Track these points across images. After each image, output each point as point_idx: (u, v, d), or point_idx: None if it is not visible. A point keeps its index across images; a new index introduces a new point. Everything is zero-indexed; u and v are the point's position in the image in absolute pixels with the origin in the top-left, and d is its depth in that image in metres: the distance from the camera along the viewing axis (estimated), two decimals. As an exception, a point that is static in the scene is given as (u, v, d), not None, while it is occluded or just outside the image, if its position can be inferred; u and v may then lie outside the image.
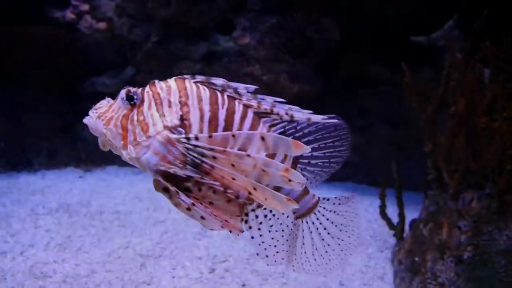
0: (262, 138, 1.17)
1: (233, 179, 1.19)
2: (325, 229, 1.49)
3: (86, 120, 1.26)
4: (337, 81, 4.18)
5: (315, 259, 1.50)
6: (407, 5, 3.65)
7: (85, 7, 4.94)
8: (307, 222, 1.47)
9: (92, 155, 4.63)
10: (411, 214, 2.87)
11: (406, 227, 2.74)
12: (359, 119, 4.21)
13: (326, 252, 1.50)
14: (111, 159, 4.65)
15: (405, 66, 2.57)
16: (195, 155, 1.19)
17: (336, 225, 1.50)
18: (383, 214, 2.77)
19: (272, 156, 1.25)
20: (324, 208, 1.48)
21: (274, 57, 4.07)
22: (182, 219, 3.28)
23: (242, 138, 1.19)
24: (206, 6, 4.07)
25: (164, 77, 3.92)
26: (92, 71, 4.72)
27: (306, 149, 1.20)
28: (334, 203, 1.50)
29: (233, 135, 1.19)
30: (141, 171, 4.08)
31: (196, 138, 1.20)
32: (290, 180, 1.19)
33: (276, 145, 1.18)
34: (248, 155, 1.17)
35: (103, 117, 1.24)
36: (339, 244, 1.51)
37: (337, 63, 4.17)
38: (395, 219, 2.87)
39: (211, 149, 1.18)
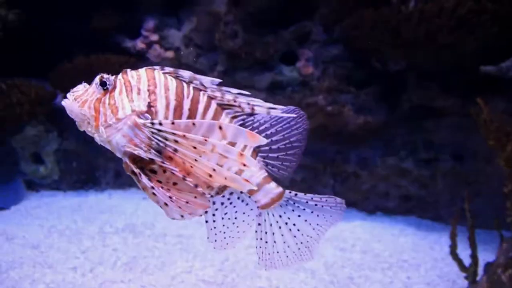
0: (220, 128, 1.27)
1: (195, 160, 1.27)
2: (293, 224, 1.51)
3: (63, 102, 1.34)
4: (402, 112, 4.12)
5: (278, 254, 1.53)
6: (476, 35, 3.57)
7: (155, 37, 5.22)
8: (273, 215, 1.51)
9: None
10: (480, 254, 2.74)
11: (479, 270, 2.62)
12: (424, 151, 4.10)
13: (289, 247, 1.53)
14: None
15: (481, 100, 2.49)
16: (159, 139, 1.28)
17: (305, 218, 1.51)
18: (454, 254, 2.65)
19: (232, 145, 1.31)
20: (296, 202, 1.51)
21: (338, 87, 4.08)
22: (242, 247, 3.31)
23: (202, 127, 1.28)
24: (271, 37, 4.18)
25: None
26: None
27: (262, 141, 1.28)
28: (313, 202, 1.53)
29: (194, 123, 1.28)
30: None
31: (160, 124, 1.29)
32: (244, 165, 1.28)
33: (233, 135, 1.27)
34: (206, 140, 1.26)
35: (79, 99, 1.33)
36: (301, 242, 1.53)
37: (402, 94, 4.12)
38: (464, 259, 2.74)
39: (173, 134, 1.27)
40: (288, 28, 4.21)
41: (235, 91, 1.39)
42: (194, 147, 1.27)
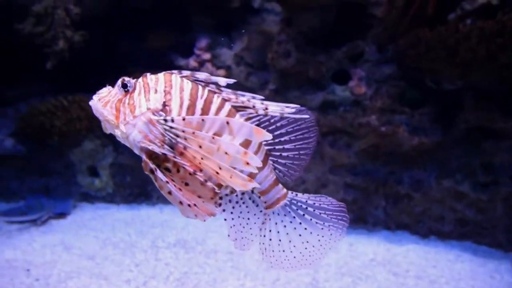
0: (227, 123, 1.33)
1: (204, 157, 1.34)
2: (298, 221, 1.57)
3: (90, 102, 1.46)
4: (457, 133, 3.99)
5: (280, 252, 1.57)
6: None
7: (207, 56, 5.35)
8: (278, 214, 1.57)
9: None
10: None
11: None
12: (482, 174, 3.94)
13: (294, 246, 1.57)
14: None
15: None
16: (171, 135, 1.37)
17: (309, 218, 1.57)
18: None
19: (245, 147, 1.37)
20: (298, 202, 1.57)
21: (392, 107, 4.02)
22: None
23: (210, 122, 1.35)
24: (324, 57, 4.19)
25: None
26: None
27: (267, 136, 1.33)
28: (312, 201, 1.58)
29: (203, 119, 1.36)
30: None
31: (172, 120, 1.38)
32: (248, 163, 1.33)
33: (239, 130, 1.33)
34: (213, 137, 1.33)
35: (103, 100, 1.44)
36: (308, 241, 1.57)
37: (458, 114, 4.00)
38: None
39: (184, 131, 1.36)
40: (340, 47, 4.20)
41: (249, 95, 1.46)
42: (202, 144, 1.35)
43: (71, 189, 4.98)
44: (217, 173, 1.35)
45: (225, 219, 1.58)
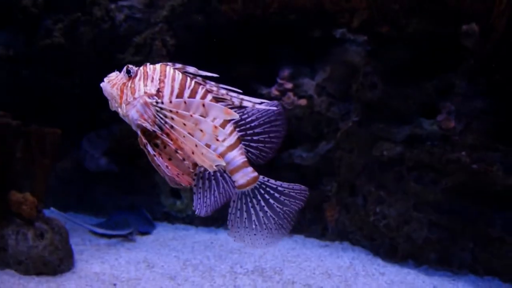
0: (203, 105, 1.63)
1: (184, 136, 1.62)
2: (262, 205, 1.77)
3: (102, 84, 1.74)
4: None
5: (247, 229, 1.79)
6: None
7: (289, 85, 5.43)
8: (247, 195, 1.77)
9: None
10: None
11: None
12: None
13: (258, 225, 1.78)
14: (298, 228, 4.82)
15: None
16: (161, 116, 1.65)
17: (274, 205, 1.77)
18: None
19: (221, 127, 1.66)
20: (267, 187, 1.77)
21: (484, 144, 3.81)
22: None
23: (190, 103, 1.65)
24: (412, 90, 4.09)
25: (364, 156, 3.96)
26: (290, 144, 5.07)
27: (234, 115, 1.61)
28: (282, 188, 1.78)
29: (185, 102, 1.66)
30: (327, 244, 4.11)
31: (162, 103, 1.68)
32: (217, 139, 1.63)
33: (212, 109, 1.62)
34: (191, 115, 1.62)
35: (111, 82, 1.72)
36: (273, 223, 1.78)
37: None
38: None
39: (170, 111, 1.65)
40: (429, 80, 4.09)
41: (229, 88, 1.72)
42: (184, 124, 1.63)
43: (154, 208, 5.22)
44: (193, 152, 1.64)
45: (193, 192, 1.83)
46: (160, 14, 4.65)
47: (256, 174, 1.76)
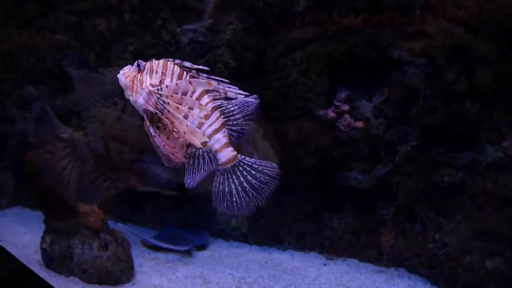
0: (190, 82, 2.01)
1: (178, 119, 2.00)
2: (241, 180, 2.09)
3: (118, 75, 2.09)
4: None
5: (228, 201, 2.10)
6: None
7: (346, 107, 5.41)
8: (228, 171, 2.09)
9: (336, 245, 4.84)
10: None
11: None
12: None
13: (237, 197, 2.09)
14: (352, 252, 4.76)
15: None
16: (161, 102, 2.01)
17: (250, 180, 2.09)
18: None
19: (206, 118, 2.05)
20: (245, 164, 2.09)
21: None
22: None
23: (180, 84, 2.02)
24: (475, 115, 3.99)
25: (423, 181, 3.86)
26: (346, 166, 5.05)
27: (214, 86, 2.02)
28: (257, 166, 2.09)
29: (176, 84, 2.02)
30: (382, 270, 4.04)
31: (161, 89, 2.04)
32: (203, 122, 2.03)
33: (198, 84, 2.01)
34: (182, 97, 2.01)
35: (125, 74, 2.08)
36: (250, 196, 2.10)
37: None
38: None
39: (167, 96, 2.01)
40: (495, 103, 3.97)
41: (218, 78, 2.05)
42: (177, 108, 2.00)
43: (209, 225, 5.33)
44: (184, 132, 1.99)
45: (185, 169, 2.09)
46: (222, 38, 4.84)
47: (235, 153, 2.08)
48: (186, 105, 2.01)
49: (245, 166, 2.10)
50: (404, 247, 4.42)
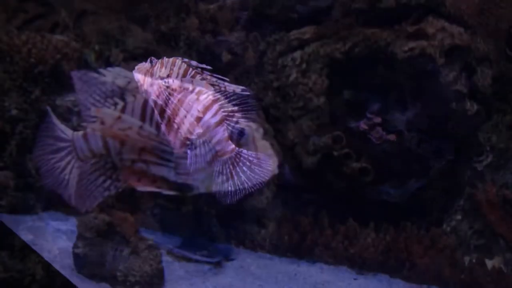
0: (192, 81, 2.15)
1: (179, 109, 2.16)
2: (237, 170, 2.20)
3: (134, 71, 2.26)
4: None
5: (221, 186, 2.21)
6: None
7: (378, 120, 5.37)
8: (226, 162, 2.19)
9: (365, 259, 4.75)
10: None
11: None
12: None
13: (231, 185, 2.19)
14: (383, 266, 4.67)
15: None
16: (167, 93, 2.18)
17: (246, 171, 2.19)
18: None
19: (205, 111, 2.16)
20: (241, 156, 2.19)
21: None
22: None
23: (186, 80, 2.17)
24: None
25: (455, 197, 3.75)
26: (378, 179, 4.98)
27: (213, 88, 2.15)
28: (252, 158, 2.20)
29: (182, 79, 2.17)
30: (413, 287, 3.94)
31: (167, 82, 2.19)
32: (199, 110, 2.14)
33: (197, 83, 2.15)
34: (183, 89, 2.16)
35: (139, 70, 2.26)
36: (245, 186, 2.19)
37: None
38: None
39: (171, 89, 2.17)
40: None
41: (219, 77, 2.15)
42: (179, 100, 2.15)
43: (238, 235, 5.32)
44: (183, 122, 2.14)
45: (188, 155, 2.21)
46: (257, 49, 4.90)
47: (233, 146, 2.20)
48: (188, 96, 2.16)
49: (242, 158, 2.24)
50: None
